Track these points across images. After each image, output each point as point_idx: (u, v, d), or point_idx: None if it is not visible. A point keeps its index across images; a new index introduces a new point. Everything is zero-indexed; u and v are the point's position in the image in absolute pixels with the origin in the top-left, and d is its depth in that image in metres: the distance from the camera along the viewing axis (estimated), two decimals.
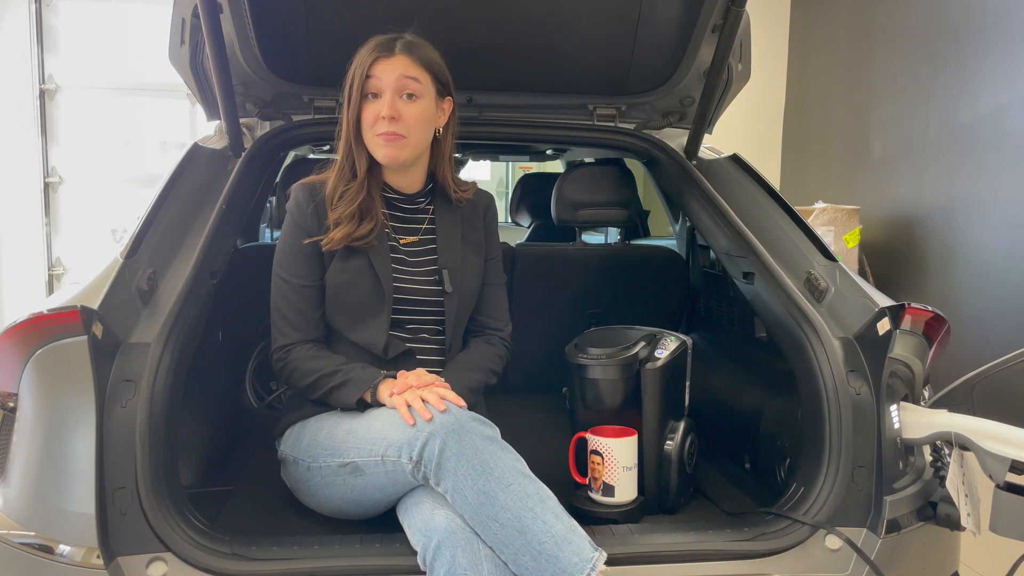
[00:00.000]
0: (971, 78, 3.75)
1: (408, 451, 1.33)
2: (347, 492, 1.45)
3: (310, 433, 1.52)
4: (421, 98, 1.53)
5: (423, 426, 1.33)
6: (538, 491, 1.30)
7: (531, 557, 1.24)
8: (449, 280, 1.62)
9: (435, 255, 1.65)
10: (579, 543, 1.25)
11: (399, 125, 1.51)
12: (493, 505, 1.26)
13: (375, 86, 1.51)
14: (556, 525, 1.26)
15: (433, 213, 1.68)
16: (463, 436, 1.31)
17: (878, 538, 1.40)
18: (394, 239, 1.64)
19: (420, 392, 1.40)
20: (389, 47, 1.52)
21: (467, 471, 1.29)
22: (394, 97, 1.50)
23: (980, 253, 3.68)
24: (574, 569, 1.22)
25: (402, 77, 1.50)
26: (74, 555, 1.25)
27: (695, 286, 2.44)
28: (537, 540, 1.24)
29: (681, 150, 2.01)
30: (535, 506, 1.27)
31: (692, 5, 1.79)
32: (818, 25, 5.22)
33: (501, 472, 1.29)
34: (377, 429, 1.40)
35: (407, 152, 1.55)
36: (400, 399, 1.40)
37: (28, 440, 1.29)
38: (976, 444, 1.34)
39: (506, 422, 1.48)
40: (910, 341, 1.54)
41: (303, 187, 1.62)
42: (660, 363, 1.60)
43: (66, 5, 4.82)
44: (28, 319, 1.31)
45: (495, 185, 6.89)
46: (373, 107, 1.52)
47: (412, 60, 1.52)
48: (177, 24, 1.75)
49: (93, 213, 4.91)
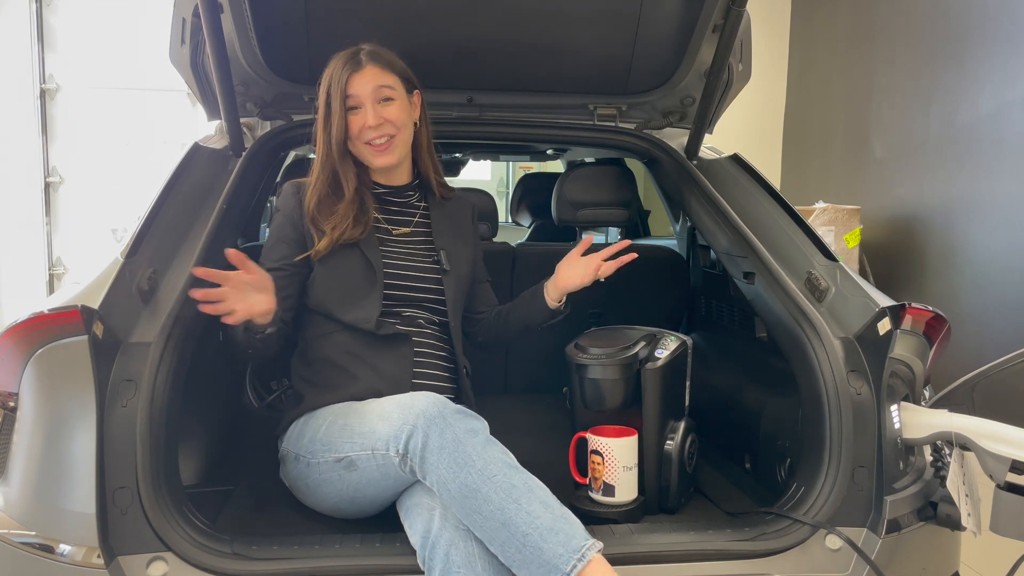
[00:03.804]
0: (972, 78, 3.75)
1: (395, 444, 1.35)
2: (343, 488, 1.46)
3: (311, 430, 1.54)
4: (396, 100, 1.63)
5: (408, 419, 1.34)
6: (525, 482, 1.29)
7: (516, 549, 1.23)
8: (446, 259, 1.70)
9: (431, 240, 1.73)
10: (568, 532, 1.24)
11: (386, 127, 1.62)
12: (475, 498, 1.26)
13: (354, 100, 1.61)
14: (543, 516, 1.24)
15: (426, 209, 1.77)
16: (445, 429, 1.31)
17: (878, 538, 1.40)
18: (385, 229, 1.70)
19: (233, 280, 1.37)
20: (356, 61, 1.61)
21: (448, 464, 1.29)
22: (374, 105, 1.60)
23: (980, 253, 3.68)
24: (559, 560, 1.21)
25: (378, 87, 1.61)
26: (74, 555, 1.25)
27: (695, 286, 2.44)
28: (521, 532, 1.23)
29: (682, 150, 2.01)
30: (520, 497, 1.26)
31: (692, 5, 1.79)
32: (819, 25, 5.22)
33: (484, 464, 1.28)
34: (369, 423, 1.42)
35: (397, 153, 1.66)
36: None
37: (28, 440, 1.29)
38: (976, 444, 1.34)
39: (506, 422, 1.48)
40: (911, 341, 1.54)
41: (293, 184, 1.70)
42: (660, 363, 1.60)
43: (66, 4, 4.82)
44: (29, 319, 1.31)
45: (495, 185, 6.88)
46: (356, 119, 1.62)
47: (381, 68, 1.62)
48: (178, 23, 1.75)
49: (93, 213, 4.91)
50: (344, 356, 1.62)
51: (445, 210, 1.79)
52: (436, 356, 1.70)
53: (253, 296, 1.41)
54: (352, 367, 1.61)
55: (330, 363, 1.63)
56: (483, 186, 2.65)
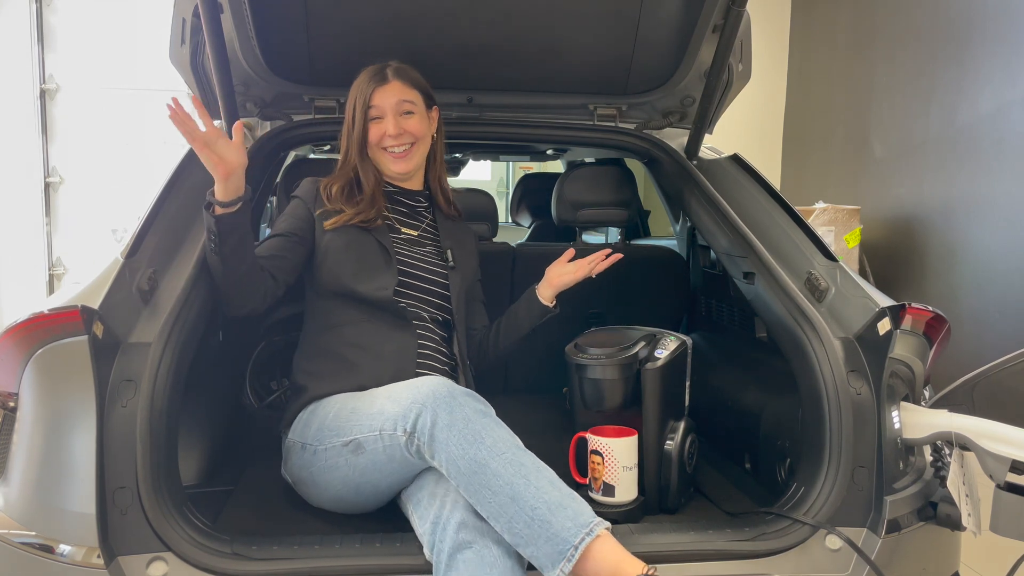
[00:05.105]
0: (972, 78, 3.75)
1: (403, 423, 1.36)
2: (349, 474, 1.47)
3: (319, 418, 1.55)
4: (416, 113, 1.73)
5: (417, 398, 1.36)
6: (534, 461, 1.31)
7: (524, 524, 1.24)
8: (452, 258, 1.78)
9: (438, 241, 1.82)
10: (576, 508, 1.25)
11: (405, 136, 1.72)
12: (485, 472, 1.27)
13: (377, 112, 1.71)
14: (551, 492, 1.26)
15: (433, 217, 1.85)
16: (455, 408, 1.33)
17: (878, 538, 1.40)
18: (395, 227, 1.77)
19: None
20: (382, 76, 1.72)
21: (459, 441, 1.30)
22: (395, 117, 1.70)
23: (980, 253, 3.68)
24: (567, 534, 1.22)
25: (400, 101, 1.71)
26: (74, 555, 1.25)
27: (695, 286, 2.44)
28: (529, 506, 1.24)
29: (681, 150, 2.01)
30: (529, 474, 1.28)
31: (693, 5, 1.79)
32: (819, 25, 5.22)
33: (493, 441, 1.30)
34: (378, 405, 1.44)
35: (415, 161, 1.76)
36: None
37: (28, 440, 1.29)
38: (976, 444, 1.34)
39: (506, 422, 1.47)
40: (911, 341, 1.54)
41: (313, 179, 1.79)
42: (660, 363, 1.60)
43: (66, 4, 4.82)
44: (29, 319, 1.31)
45: (495, 185, 6.88)
46: (377, 128, 1.72)
47: (405, 84, 1.73)
48: (178, 24, 1.75)
49: (93, 213, 4.91)
50: (350, 348, 1.64)
51: (451, 223, 1.87)
52: (439, 351, 1.72)
53: (221, 146, 1.41)
54: (357, 358, 1.63)
55: (336, 355, 1.64)
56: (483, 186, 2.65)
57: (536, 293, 1.81)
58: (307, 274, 1.73)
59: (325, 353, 1.66)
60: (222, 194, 1.45)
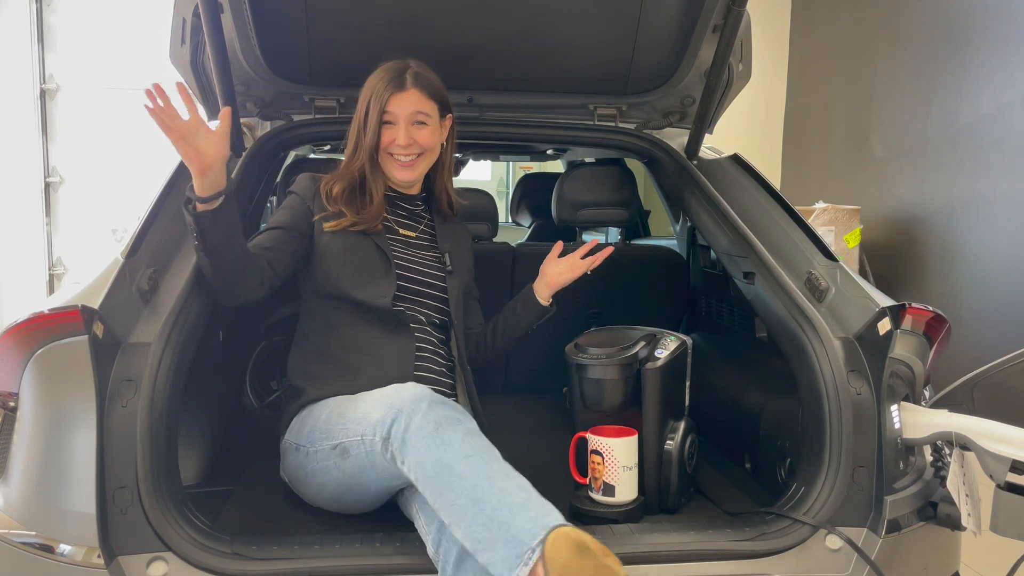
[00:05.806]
0: (972, 78, 3.75)
1: (380, 430, 1.35)
2: (338, 476, 1.47)
3: (312, 420, 1.55)
4: (429, 124, 1.69)
5: (394, 404, 1.35)
6: (505, 468, 1.26)
7: (483, 526, 1.18)
8: (450, 261, 1.76)
9: (436, 244, 1.80)
10: (542, 511, 1.18)
11: (414, 147, 1.68)
12: (449, 474, 1.24)
13: (391, 117, 1.66)
14: (516, 495, 1.20)
15: (431, 220, 1.83)
16: (428, 413, 1.32)
17: (878, 538, 1.40)
18: (393, 229, 1.75)
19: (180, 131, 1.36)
20: (401, 81, 1.65)
21: (427, 444, 1.28)
22: (407, 126, 1.66)
23: (980, 253, 3.68)
24: (526, 535, 1.14)
25: (416, 112, 1.66)
26: (74, 555, 1.25)
27: (695, 286, 2.44)
28: (490, 507, 1.18)
29: (682, 150, 2.01)
30: (495, 475, 1.23)
31: (693, 5, 1.79)
32: (819, 25, 5.22)
33: (463, 446, 1.27)
34: (362, 410, 1.43)
35: (419, 171, 1.73)
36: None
37: (29, 440, 1.29)
38: (976, 444, 1.34)
39: (506, 422, 1.48)
40: (911, 341, 1.54)
41: (310, 175, 1.75)
42: (660, 363, 1.60)
43: (66, 4, 4.82)
44: (29, 319, 1.31)
45: (495, 185, 6.88)
46: (387, 132, 1.67)
47: (423, 94, 1.67)
48: (178, 24, 1.76)
49: (93, 213, 4.91)
50: (347, 351, 1.63)
51: (448, 225, 1.86)
52: (437, 353, 1.72)
53: (199, 139, 1.37)
54: (355, 362, 1.62)
55: (334, 359, 1.64)
56: (483, 186, 2.65)
57: (534, 293, 1.79)
58: (303, 272, 1.72)
59: (323, 356, 1.65)
60: (200, 189, 1.41)
